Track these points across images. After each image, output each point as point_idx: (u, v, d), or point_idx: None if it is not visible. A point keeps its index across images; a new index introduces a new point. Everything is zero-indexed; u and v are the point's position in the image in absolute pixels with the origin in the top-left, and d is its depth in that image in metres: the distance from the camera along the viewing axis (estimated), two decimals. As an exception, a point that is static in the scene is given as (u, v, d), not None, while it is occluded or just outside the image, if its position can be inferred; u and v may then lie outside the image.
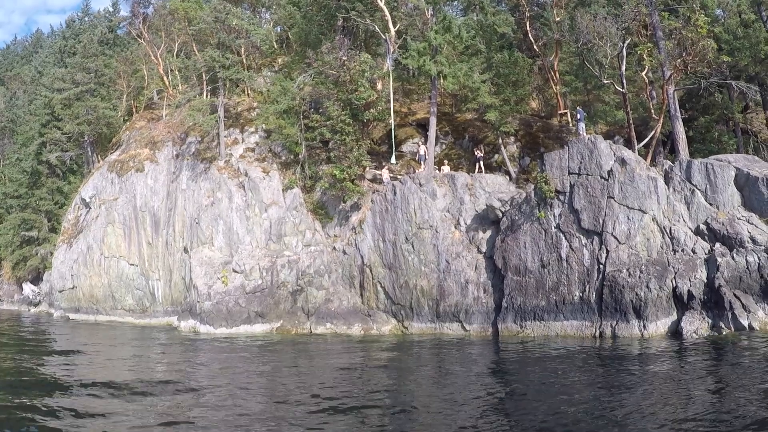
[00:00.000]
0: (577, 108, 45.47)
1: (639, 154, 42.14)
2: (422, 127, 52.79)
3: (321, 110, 53.39)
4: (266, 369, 33.52)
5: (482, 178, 46.12)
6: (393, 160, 50.33)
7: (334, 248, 49.58)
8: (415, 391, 27.74)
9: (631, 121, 42.66)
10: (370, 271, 47.11)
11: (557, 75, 54.94)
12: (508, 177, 49.03)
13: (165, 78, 69.36)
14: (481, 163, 48.55)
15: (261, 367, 34.01)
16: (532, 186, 42.45)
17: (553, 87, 53.57)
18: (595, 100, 51.27)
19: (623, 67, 43.87)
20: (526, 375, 29.78)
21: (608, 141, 41.78)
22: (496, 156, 51.73)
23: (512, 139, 52.74)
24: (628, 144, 44.76)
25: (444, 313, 43.75)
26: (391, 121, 51.05)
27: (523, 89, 51.16)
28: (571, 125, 51.28)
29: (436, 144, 52.74)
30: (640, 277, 37.56)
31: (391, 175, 49.84)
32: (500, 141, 49.88)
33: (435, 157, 51.00)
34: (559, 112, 52.87)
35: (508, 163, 49.80)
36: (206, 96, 61.75)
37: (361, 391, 27.89)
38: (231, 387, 29.24)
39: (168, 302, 56.69)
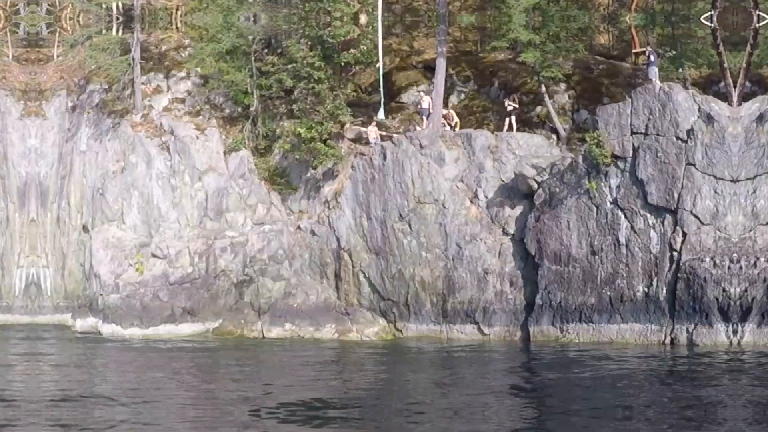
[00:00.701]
0: (648, 48, 44.95)
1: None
2: (431, 70, 51.90)
3: (280, 50, 52.42)
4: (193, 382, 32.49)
5: (512, 138, 45.59)
6: (381, 114, 49.44)
7: (299, 227, 48.84)
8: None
9: (725, 63, 42.07)
10: (350, 257, 46.48)
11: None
12: (555, 137, 48.37)
13: (58, 5, 67.03)
14: (513, 118, 47.57)
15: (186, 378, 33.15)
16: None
17: (626, 16, 52.93)
18: (685, 37, 50.69)
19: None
20: (584, 398, 28.25)
21: (692, 91, 41.57)
22: (540, 109, 50.89)
23: (563, 86, 51.86)
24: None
25: (453, 312, 43.44)
26: (380, 63, 50.17)
27: (577, 21, 50.43)
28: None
29: (452, 92, 52.21)
30: (729, 268, 37.41)
31: (383, 133, 48.96)
32: (543, 89, 48.99)
33: (450, 110, 50.13)
34: (634, 50, 52.06)
35: (555, 119, 48.79)
36: (116, 31, 59.66)
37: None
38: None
39: (60, 295, 54.90)
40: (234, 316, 47.14)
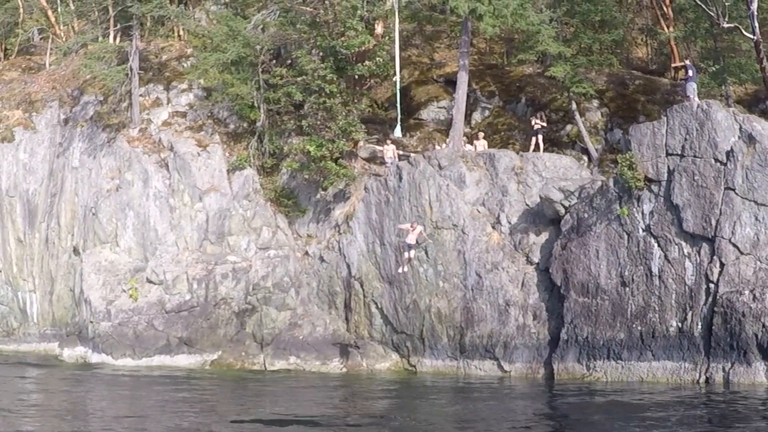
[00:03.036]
0: (686, 62, 45.32)
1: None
2: (453, 84, 52.29)
3: (289, 61, 53.04)
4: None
5: (538, 159, 46.04)
6: (398, 131, 50.03)
7: (307, 253, 49.45)
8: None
9: (768, 79, 42.83)
10: (361, 285, 46.94)
11: (670, 11, 54.69)
12: (586, 158, 49.03)
13: (50, 12, 68.18)
14: (540, 137, 48.20)
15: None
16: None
17: (665, 28, 53.38)
18: (728, 50, 51.02)
19: (754, 4, 43.95)
20: None
21: (733, 109, 41.73)
22: (570, 127, 51.53)
23: (595, 103, 52.48)
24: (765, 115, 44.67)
25: (471, 347, 43.67)
26: (397, 77, 50.73)
27: (611, 33, 51.05)
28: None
29: (476, 109, 52.87)
30: None
31: (400, 152, 49.60)
32: (574, 106, 49.62)
33: (472, 129, 50.81)
34: (674, 65, 52.46)
35: (586, 138, 49.49)
36: (113, 39, 60.74)
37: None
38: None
39: (47, 322, 56.06)
40: (234, 347, 47.49)
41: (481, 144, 48.99)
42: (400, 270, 45.35)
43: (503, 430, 29.54)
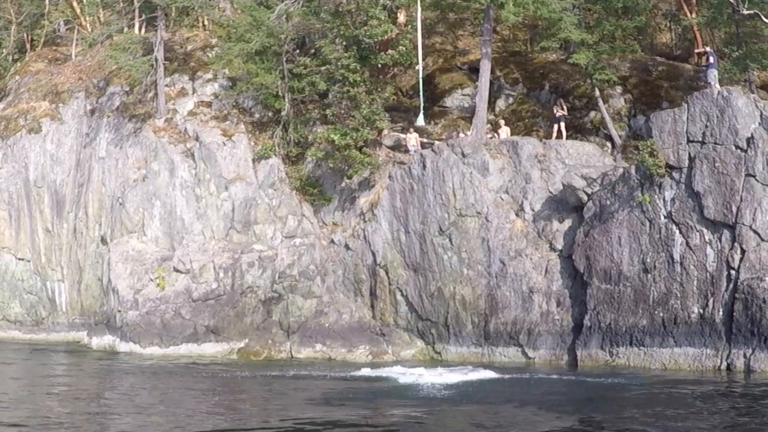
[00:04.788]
0: (706, 48, 45.59)
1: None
2: (477, 71, 52.20)
3: (313, 51, 53.40)
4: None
5: (561, 147, 46.21)
6: (421, 120, 50.10)
7: (332, 241, 49.73)
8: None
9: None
10: (386, 273, 47.26)
11: (693, -2, 54.75)
12: (610, 145, 49.32)
13: (75, 3, 68.70)
14: (562, 124, 48.49)
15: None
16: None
17: (687, 14, 53.45)
18: (750, 36, 51.09)
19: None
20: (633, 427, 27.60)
21: (754, 95, 41.89)
22: (593, 114, 51.82)
23: (619, 90, 52.66)
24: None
25: (496, 334, 44.00)
26: (420, 65, 51.03)
27: (634, 19, 51.32)
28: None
29: (500, 96, 53.20)
30: None
31: (423, 140, 50.00)
32: (597, 93, 49.96)
33: (496, 116, 51.22)
34: (696, 50, 52.43)
35: (609, 125, 49.70)
36: (138, 29, 61.28)
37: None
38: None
39: (75, 312, 56.52)
40: (261, 335, 47.83)
41: (504, 131, 49.41)
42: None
43: (525, 419, 29.46)
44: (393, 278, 46.96)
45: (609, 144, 49.70)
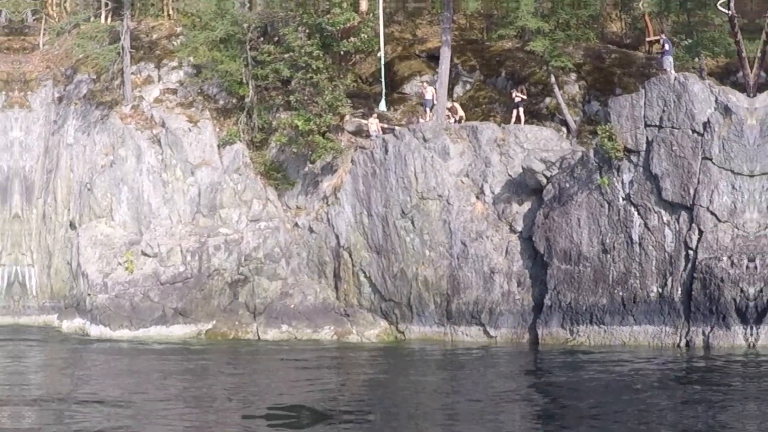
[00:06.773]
0: (662, 36, 45.05)
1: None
2: (435, 59, 52.00)
3: (277, 38, 52.74)
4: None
5: (520, 131, 45.81)
6: (383, 105, 49.94)
7: (296, 224, 49.30)
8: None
9: (743, 52, 42.15)
10: (350, 255, 46.90)
11: (644, -15, 54.31)
12: (565, 129, 48.70)
13: (43, -8, 67.36)
14: (521, 110, 47.75)
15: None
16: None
17: (639, 4, 53.03)
18: (700, 24, 50.74)
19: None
20: (593, 404, 27.27)
21: (708, 81, 41.49)
22: (549, 100, 51.09)
23: (573, 76, 52.12)
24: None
25: (458, 314, 43.74)
26: (381, 53, 50.61)
27: (587, 8, 50.69)
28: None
29: (457, 83, 52.50)
30: (747, 267, 37.42)
31: (384, 126, 49.22)
32: (553, 79, 49.23)
33: (454, 101, 50.31)
34: (648, 38, 52.30)
35: (564, 111, 49.04)
36: (105, 18, 59.93)
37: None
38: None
39: (45, 295, 55.94)
40: (228, 317, 47.46)
41: (456, 109, 49.11)
42: None
43: (489, 395, 28.96)
44: (356, 260, 46.58)
45: (564, 129, 49.13)
